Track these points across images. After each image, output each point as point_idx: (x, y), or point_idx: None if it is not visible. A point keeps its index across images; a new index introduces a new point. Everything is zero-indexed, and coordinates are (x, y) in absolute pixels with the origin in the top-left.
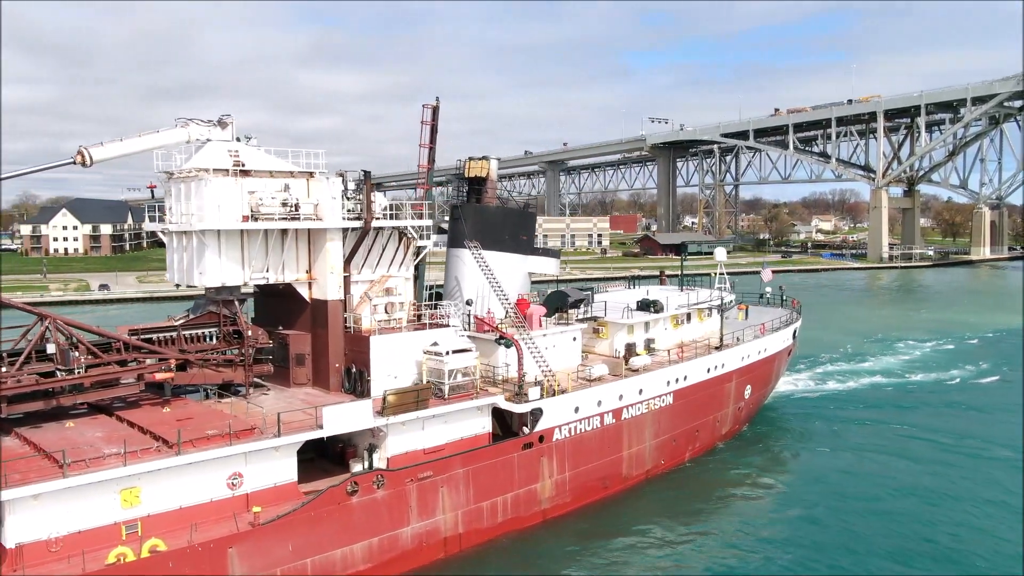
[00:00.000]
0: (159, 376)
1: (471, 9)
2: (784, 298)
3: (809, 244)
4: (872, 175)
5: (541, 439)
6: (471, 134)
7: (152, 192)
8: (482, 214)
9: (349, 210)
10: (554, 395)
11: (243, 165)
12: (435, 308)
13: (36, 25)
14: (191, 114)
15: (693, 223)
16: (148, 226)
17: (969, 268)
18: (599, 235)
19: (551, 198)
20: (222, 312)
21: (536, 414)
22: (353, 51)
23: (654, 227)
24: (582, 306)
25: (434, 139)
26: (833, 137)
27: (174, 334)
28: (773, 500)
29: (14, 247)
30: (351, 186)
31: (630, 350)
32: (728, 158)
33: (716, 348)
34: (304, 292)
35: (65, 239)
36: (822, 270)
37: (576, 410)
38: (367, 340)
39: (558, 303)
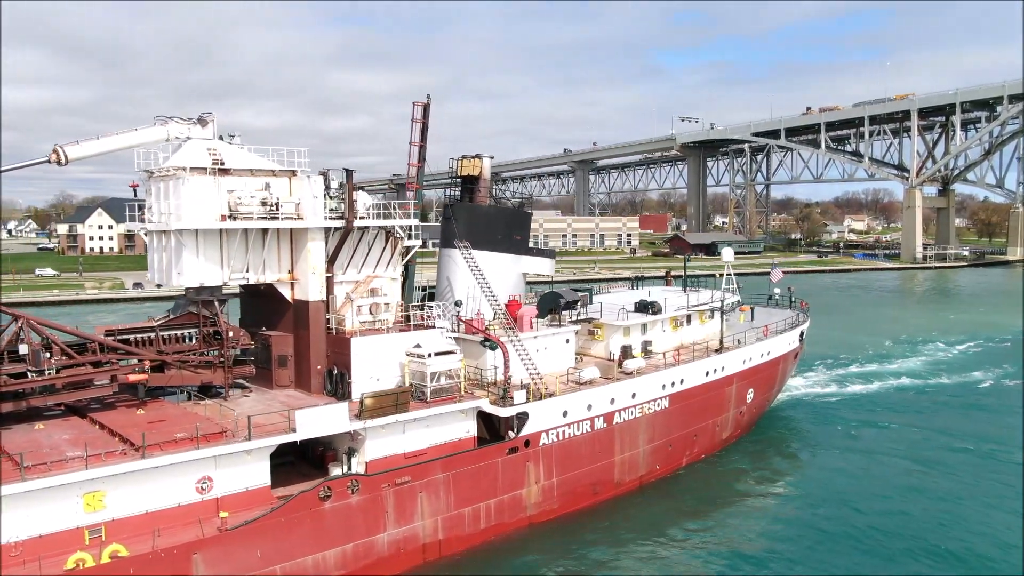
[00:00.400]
0: (132, 377)
1: (502, 9)
2: (793, 300)
3: (841, 244)
4: (906, 174)
5: (527, 444)
6: (500, 134)
7: (135, 191)
8: (474, 213)
9: (332, 209)
10: (541, 399)
11: (222, 163)
12: (422, 309)
13: (74, 28)
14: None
15: (724, 223)
16: (128, 226)
17: (1005, 268)
18: (628, 235)
19: (581, 198)
20: (201, 313)
21: (522, 418)
22: (383, 51)
23: (684, 227)
24: (577, 307)
25: (425, 137)
26: (866, 136)
27: (152, 335)
28: (770, 507)
29: (51, 246)
30: (334, 185)
31: (626, 352)
32: (759, 157)
33: (716, 351)
34: (286, 293)
35: (100, 238)
36: (854, 270)
37: (564, 414)
38: (348, 341)
39: (552, 304)
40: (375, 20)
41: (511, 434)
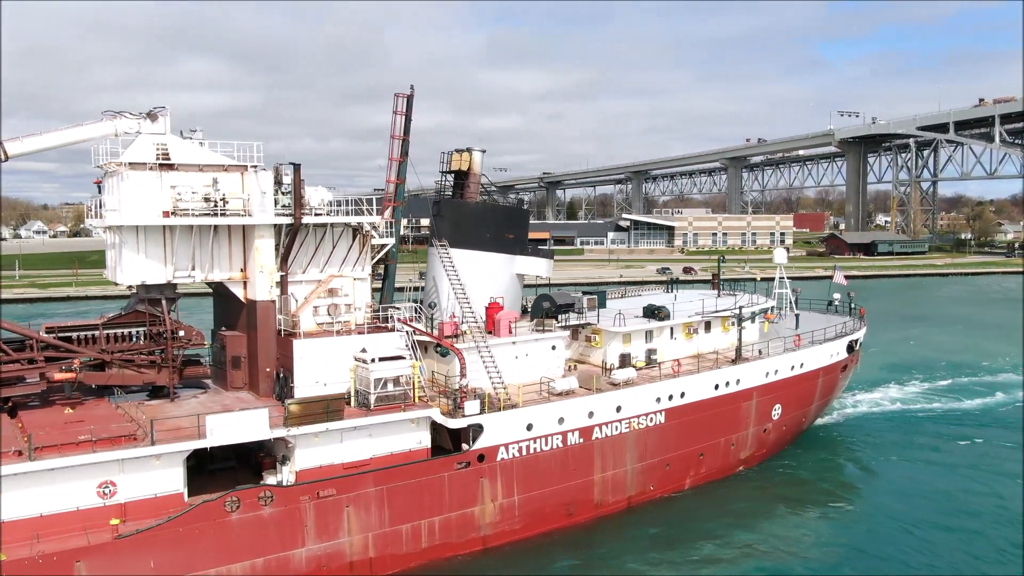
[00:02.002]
0: (58, 376)
1: (655, 6)
2: (852, 306)
3: (1017, 245)
4: None
5: (481, 458)
6: (650, 131)
7: (99, 188)
8: (460, 210)
9: (284, 206)
10: (500, 410)
11: (168, 159)
12: (378, 311)
13: (240, 34)
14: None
15: (886, 222)
16: (88, 222)
17: None
18: (782, 234)
19: (732, 195)
20: (148, 311)
21: (477, 430)
22: (532, 49)
23: (842, 226)
24: (571, 312)
25: (408, 130)
26: None
27: (95, 333)
28: (783, 543)
29: None
30: (287, 180)
31: (624, 361)
32: (925, 153)
33: (732, 362)
34: (239, 292)
35: None
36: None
37: (529, 427)
38: (291, 343)
39: (544, 308)
40: (526, 19)
41: (465, 447)
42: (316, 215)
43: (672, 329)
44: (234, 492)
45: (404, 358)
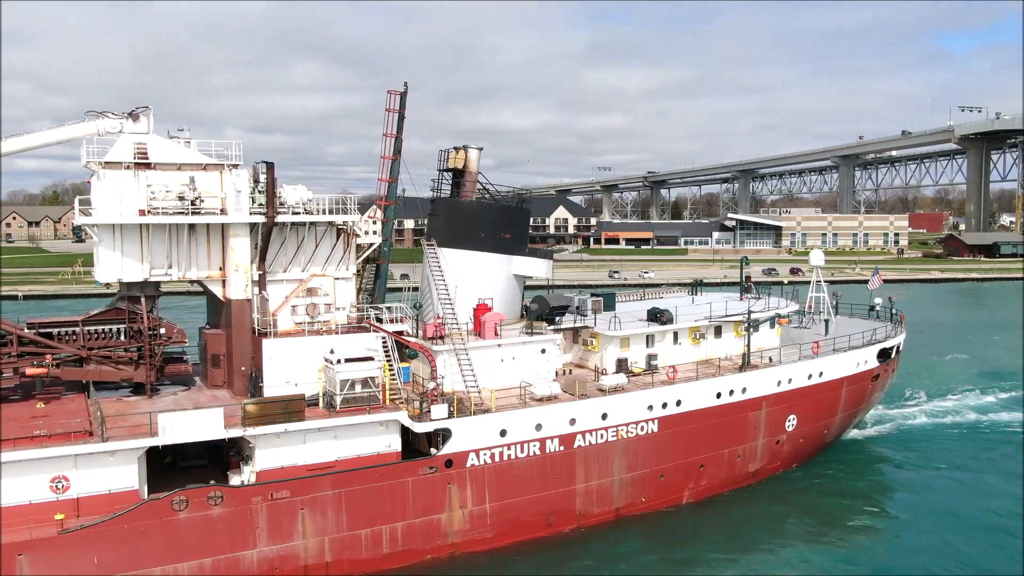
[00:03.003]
0: (30, 371)
1: (764, 4)
2: (894, 311)
3: None
4: None
5: (449, 463)
6: (758, 129)
7: (90, 187)
8: (455, 209)
9: (261, 204)
10: (471, 415)
11: (145, 158)
12: (359, 312)
13: (346, 37)
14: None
15: (1011, 222)
16: (76, 220)
17: None
18: (896, 234)
19: (844, 195)
20: (128, 308)
21: (445, 435)
22: (636, 47)
23: (962, 226)
24: (567, 314)
25: (400, 128)
26: None
27: (76, 329)
28: (776, 563)
29: None
30: (266, 179)
31: (622, 367)
32: None
33: (740, 369)
34: (217, 291)
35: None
36: None
37: (503, 433)
38: (260, 343)
39: (539, 310)
40: (629, 16)
41: (434, 451)
42: (294, 213)
43: (676, 334)
44: (182, 491)
45: (372, 359)
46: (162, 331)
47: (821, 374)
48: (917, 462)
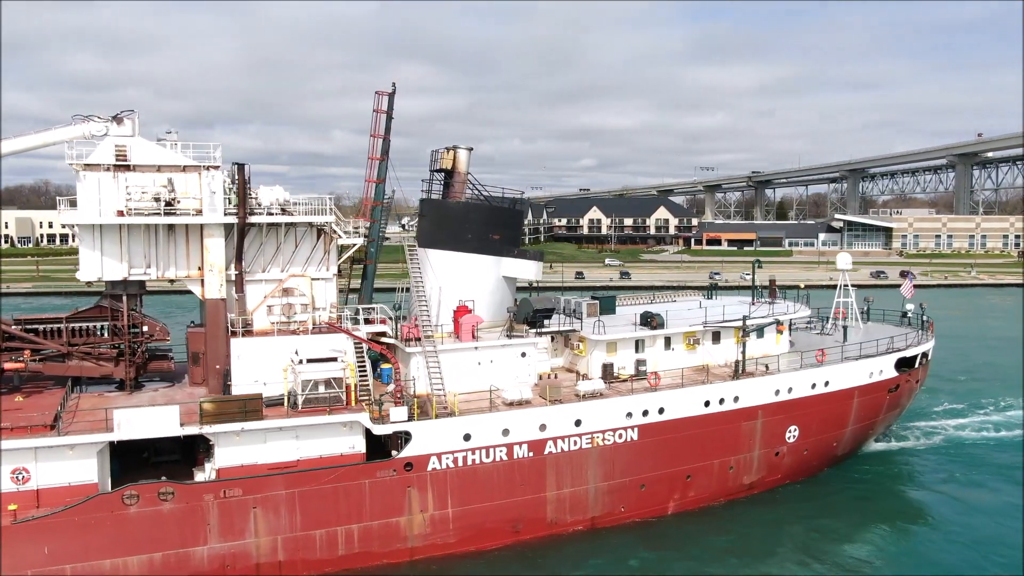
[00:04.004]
0: (8, 365)
1: None
2: (925, 318)
3: None
4: None
5: (409, 466)
6: (868, 127)
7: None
8: (441, 210)
9: (237, 205)
10: (433, 418)
11: (126, 160)
12: (337, 312)
13: (446, 40)
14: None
15: None
16: (61, 218)
17: None
18: (1017, 236)
19: (961, 195)
20: (111, 306)
21: (406, 438)
22: (739, 44)
23: None
24: (552, 317)
25: (388, 129)
26: None
27: (61, 326)
28: None
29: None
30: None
31: (607, 371)
32: None
33: (734, 376)
34: (196, 290)
35: None
36: None
37: (467, 438)
38: (229, 342)
39: (525, 313)
40: (730, 13)
41: (395, 454)
42: (269, 214)
43: (669, 339)
44: (133, 487)
45: (336, 360)
46: (145, 329)
47: (827, 383)
48: (944, 479)
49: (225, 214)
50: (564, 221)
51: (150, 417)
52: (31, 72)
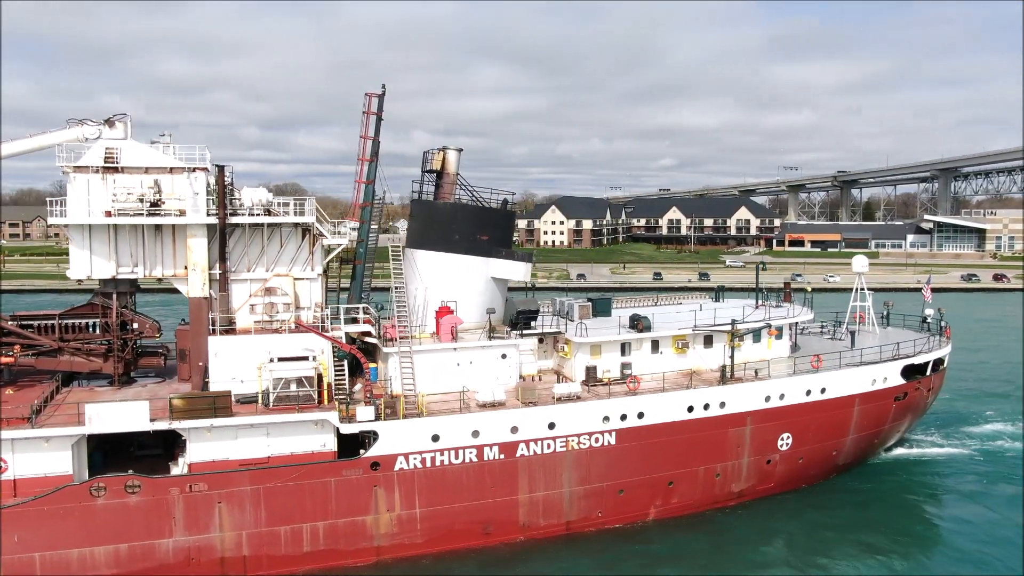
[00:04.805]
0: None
1: None
2: (943, 323)
3: None
4: None
5: (375, 466)
6: (961, 124)
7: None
8: (430, 211)
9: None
10: (400, 418)
11: (114, 162)
12: (321, 312)
13: (525, 40)
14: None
15: None
16: (51, 220)
17: None
18: None
19: None
20: (102, 303)
21: (373, 437)
22: (824, 41)
23: None
24: (538, 319)
25: (378, 130)
26: None
27: (54, 322)
28: None
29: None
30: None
31: (590, 375)
32: None
33: (721, 381)
34: (183, 289)
35: (553, 232)
36: None
37: (435, 438)
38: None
39: (490, 314)
40: (815, 9)
41: (363, 452)
42: (252, 215)
43: (657, 342)
44: (101, 478)
45: (307, 359)
46: (135, 326)
47: (823, 390)
48: (951, 490)
49: (208, 215)
50: (643, 221)
51: (120, 412)
52: (124, 77)
